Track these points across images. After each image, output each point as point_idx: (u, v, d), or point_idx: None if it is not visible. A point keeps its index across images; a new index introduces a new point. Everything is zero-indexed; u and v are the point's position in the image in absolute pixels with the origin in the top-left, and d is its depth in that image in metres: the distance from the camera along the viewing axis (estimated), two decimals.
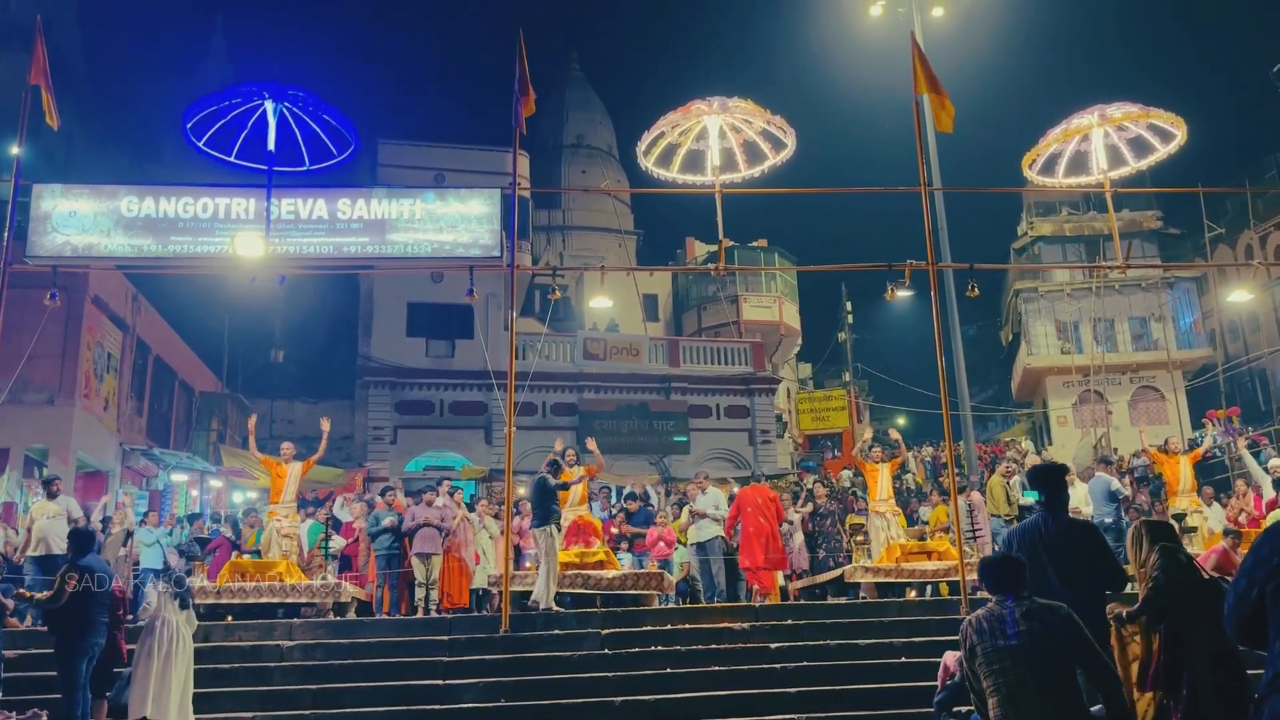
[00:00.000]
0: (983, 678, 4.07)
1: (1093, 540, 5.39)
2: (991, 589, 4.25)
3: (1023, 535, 5.41)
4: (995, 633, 4.06)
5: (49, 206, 11.29)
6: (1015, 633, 4.03)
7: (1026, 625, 4.03)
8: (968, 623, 4.19)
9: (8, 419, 14.95)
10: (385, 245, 11.86)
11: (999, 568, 4.30)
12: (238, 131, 11.14)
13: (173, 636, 7.94)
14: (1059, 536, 5.29)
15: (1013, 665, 3.98)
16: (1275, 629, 2.67)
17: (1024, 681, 3.95)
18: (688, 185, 12.10)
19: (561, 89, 37.33)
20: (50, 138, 15.20)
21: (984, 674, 4.06)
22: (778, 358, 33.22)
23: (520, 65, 11.09)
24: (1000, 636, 4.04)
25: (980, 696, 4.12)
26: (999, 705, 3.98)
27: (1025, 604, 4.12)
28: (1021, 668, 3.97)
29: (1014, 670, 3.98)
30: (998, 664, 4.01)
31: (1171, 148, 11.71)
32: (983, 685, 4.07)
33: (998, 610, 4.13)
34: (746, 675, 8.95)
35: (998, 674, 4.01)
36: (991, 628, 4.08)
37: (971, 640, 4.13)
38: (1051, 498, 5.48)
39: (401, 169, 26.92)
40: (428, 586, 11.82)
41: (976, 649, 4.09)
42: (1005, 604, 4.13)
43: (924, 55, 11.52)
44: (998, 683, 4.00)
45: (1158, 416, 30.98)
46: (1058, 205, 34.60)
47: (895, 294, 11.74)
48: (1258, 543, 2.81)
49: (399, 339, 27.16)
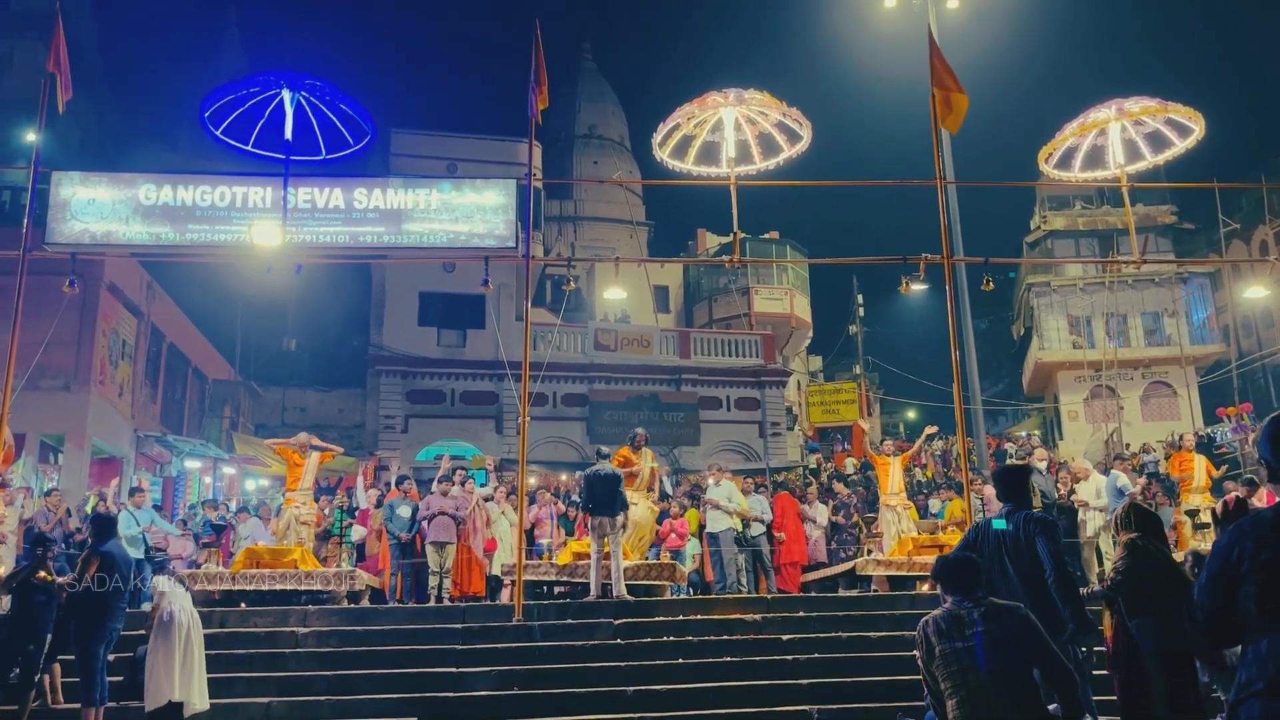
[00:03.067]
0: (941, 679, 4.06)
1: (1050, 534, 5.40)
2: (949, 589, 4.24)
3: (982, 534, 5.42)
4: (953, 634, 4.05)
5: (68, 194, 11.34)
6: (973, 633, 4.02)
7: (984, 626, 4.03)
8: (925, 623, 4.17)
9: (24, 405, 14.98)
10: (401, 235, 11.89)
11: (956, 568, 4.30)
12: (255, 120, 11.17)
13: (189, 621, 8.02)
14: (1018, 535, 5.29)
15: (971, 666, 3.98)
16: (1249, 633, 2.61)
17: (982, 682, 3.95)
18: (702, 177, 12.10)
19: (574, 80, 37.30)
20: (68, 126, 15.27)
21: (942, 675, 4.05)
22: (788, 350, 33.22)
23: (536, 56, 11.08)
24: (958, 638, 4.04)
25: (938, 698, 4.12)
26: (957, 706, 3.97)
27: (983, 605, 4.13)
28: (979, 668, 3.97)
29: (972, 671, 3.97)
30: (956, 665, 4.01)
31: (1189, 142, 11.66)
32: (941, 686, 4.07)
33: (955, 611, 4.12)
34: (758, 666, 8.98)
35: (956, 675, 4.00)
36: (949, 628, 4.07)
37: (929, 641, 4.12)
38: (1013, 498, 5.49)
39: (415, 159, 26.94)
40: (441, 575, 11.88)
41: (935, 650, 4.09)
42: (963, 604, 4.14)
43: (938, 49, 11.46)
44: (956, 684, 4.00)
45: (1170, 412, 30.90)
46: (1071, 199, 34.47)
47: (909, 287, 11.72)
48: (1223, 544, 2.72)
49: (411, 328, 27.25)
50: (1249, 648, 2.60)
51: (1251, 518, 2.72)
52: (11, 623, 8.09)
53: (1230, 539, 2.70)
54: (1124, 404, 30.58)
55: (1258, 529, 2.65)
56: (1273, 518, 2.66)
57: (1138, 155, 11.96)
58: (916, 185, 13.58)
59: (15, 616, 8.09)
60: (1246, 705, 2.56)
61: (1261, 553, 2.59)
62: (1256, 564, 2.59)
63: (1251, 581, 2.58)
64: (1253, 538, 2.63)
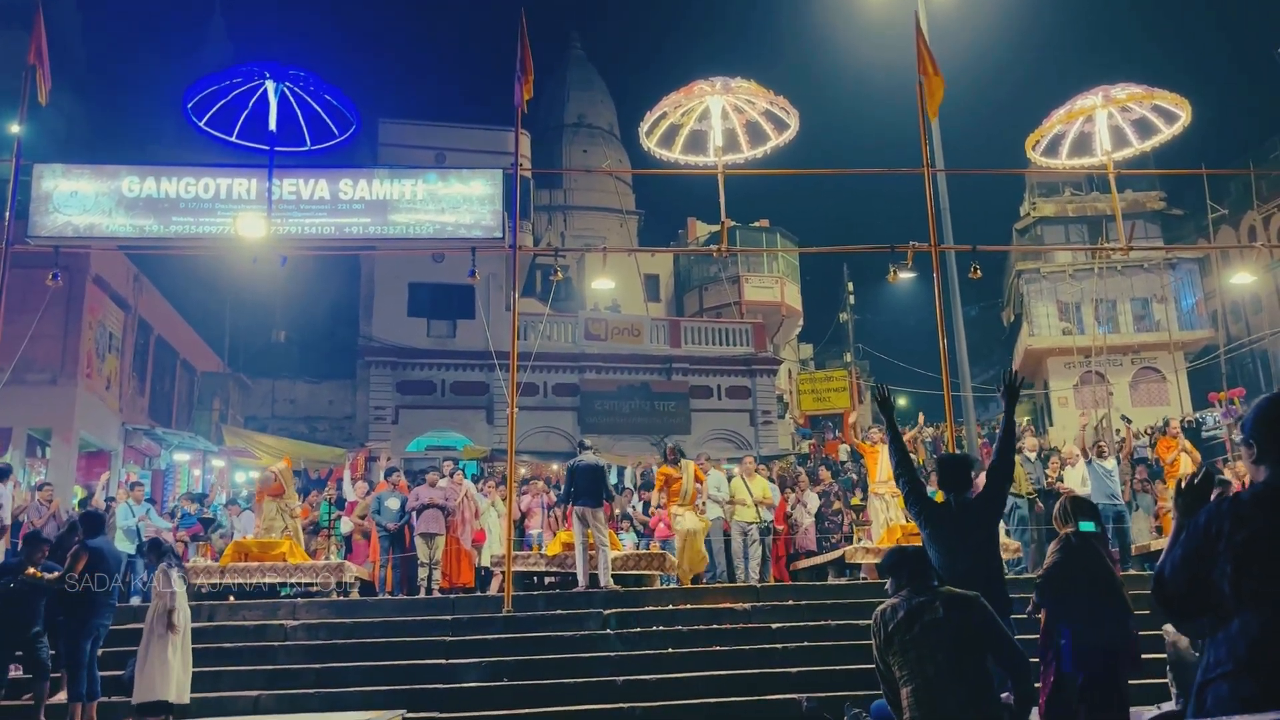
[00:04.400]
0: (896, 667, 4.08)
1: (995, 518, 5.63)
2: (901, 578, 4.26)
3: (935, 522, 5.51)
4: (907, 622, 4.07)
5: (50, 186, 11.25)
6: (927, 621, 4.04)
7: (937, 614, 4.05)
8: (881, 611, 4.19)
9: (10, 399, 14.95)
10: (387, 226, 11.83)
11: (906, 559, 4.33)
12: (238, 112, 11.10)
13: (188, 618, 8.04)
14: (965, 520, 5.43)
15: (928, 653, 3.99)
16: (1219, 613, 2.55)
17: (936, 669, 3.97)
18: (690, 166, 12.07)
19: (563, 68, 37.14)
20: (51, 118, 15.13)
21: (897, 664, 4.07)
22: (779, 338, 33.23)
23: (522, 45, 11.03)
24: (912, 625, 4.05)
25: (892, 685, 4.14)
26: (911, 694, 3.99)
27: (936, 593, 4.15)
28: (935, 656, 3.99)
29: (928, 660, 3.99)
30: (912, 652, 4.02)
31: (1176, 129, 11.67)
32: (896, 675, 4.09)
33: (911, 599, 4.14)
34: (748, 655, 9.00)
35: (911, 662, 4.02)
36: (905, 617, 4.09)
37: (885, 630, 4.14)
38: (956, 484, 5.62)
39: (402, 148, 26.82)
40: (430, 566, 11.88)
41: (892, 638, 4.10)
42: (917, 593, 4.15)
43: (924, 37, 11.44)
44: (911, 672, 4.02)
45: (1159, 397, 31.00)
46: (1060, 186, 34.48)
47: (898, 276, 11.73)
48: (1201, 522, 2.64)
49: (400, 319, 27.17)
50: (1219, 629, 2.56)
51: (1230, 497, 2.67)
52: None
53: (1207, 517, 2.65)
54: (1113, 390, 30.67)
55: (1236, 508, 2.61)
56: (1251, 498, 2.62)
57: (1125, 142, 11.95)
58: (904, 173, 13.57)
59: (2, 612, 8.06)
60: (1215, 686, 2.51)
61: (1238, 532, 2.54)
62: (1232, 544, 2.54)
63: (1227, 561, 2.54)
64: (1230, 517, 2.59)
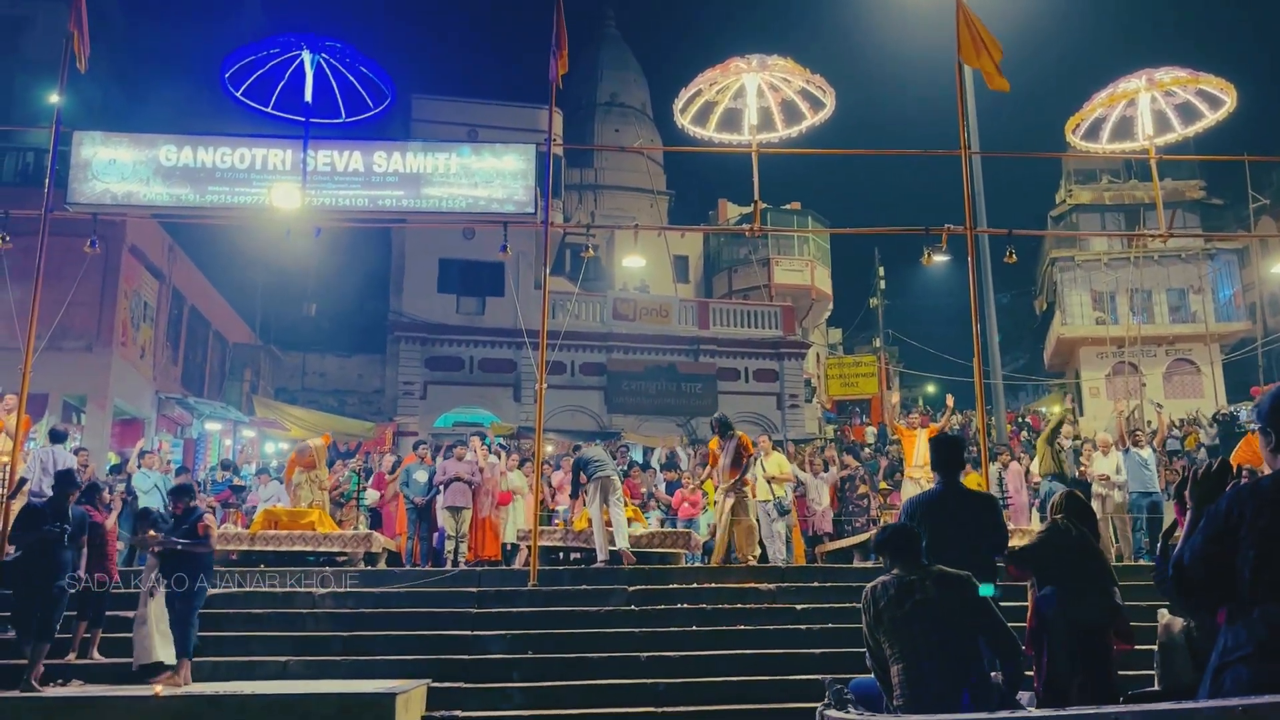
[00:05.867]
0: (886, 645, 4.09)
1: (989, 509, 5.68)
2: (893, 558, 4.25)
3: (927, 504, 5.56)
4: (899, 600, 4.08)
5: (89, 154, 11.36)
6: (918, 600, 4.04)
7: (929, 593, 4.06)
8: (873, 589, 4.20)
9: (47, 365, 15.13)
10: (420, 199, 11.86)
11: (899, 537, 4.33)
12: (274, 82, 11.13)
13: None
14: (959, 504, 5.49)
15: (919, 632, 4.00)
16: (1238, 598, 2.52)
17: (928, 648, 3.98)
18: (723, 144, 11.99)
19: (596, 47, 36.98)
20: (88, 88, 15.27)
21: (888, 641, 4.09)
22: (808, 322, 33.07)
23: (558, 21, 10.99)
24: (904, 603, 4.06)
25: (881, 663, 4.15)
26: (902, 672, 4.01)
27: (927, 572, 4.14)
28: (925, 634, 4.00)
29: (921, 637, 4.00)
30: (903, 630, 4.04)
31: (1220, 114, 11.44)
32: (886, 652, 4.10)
33: (904, 578, 4.14)
34: (771, 635, 9.00)
35: (903, 641, 4.03)
36: (896, 595, 4.09)
37: (876, 607, 4.14)
38: (947, 464, 5.65)
39: (435, 124, 26.82)
40: (457, 540, 11.96)
41: (882, 616, 4.10)
42: (909, 571, 4.14)
43: (971, 19, 11.24)
44: (902, 649, 4.03)
45: (1193, 390, 30.63)
46: (1098, 173, 34.03)
47: (932, 259, 11.61)
48: (1220, 509, 2.62)
49: (430, 295, 27.29)
50: (1237, 614, 2.53)
51: (1250, 484, 2.65)
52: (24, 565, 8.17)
53: (1228, 503, 2.62)
54: (1146, 381, 30.33)
55: (1257, 495, 2.58)
56: (1272, 484, 2.59)
57: (1167, 127, 11.74)
58: (941, 155, 13.43)
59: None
60: (1234, 670, 2.49)
61: (1261, 518, 2.51)
62: (1255, 529, 2.51)
63: (1250, 546, 2.51)
64: (1252, 503, 2.56)
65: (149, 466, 12.89)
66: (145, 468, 12.85)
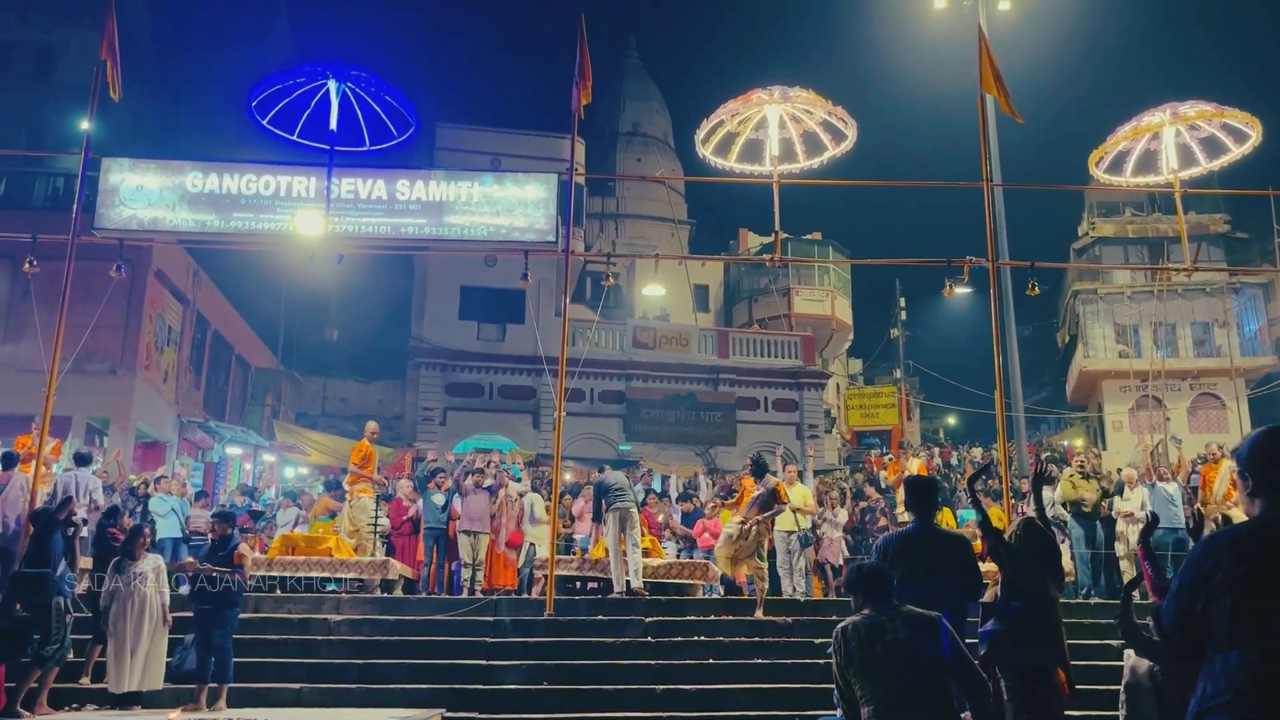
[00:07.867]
0: (855, 686, 4.06)
1: (960, 550, 5.65)
2: (865, 597, 4.23)
3: (900, 543, 5.58)
4: (870, 640, 4.04)
5: (117, 180, 11.50)
6: (889, 641, 4.02)
7: (899, 634, 4.03)
8: (844, 629, 4.16)
9: (71, 388, 15.28)
10: (442, 227, 11.92)
11: (871, 577, 4.29)
12: (300, 110, 11.26)
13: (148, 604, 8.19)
14: (932, 545, 5.53)
15: (890, 673, 3.98)
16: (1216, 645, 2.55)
17: (898, 689, 3.96)
18: (745, 175, 12.01)
19: (619, 77, 37.24)
20: (118, 114, 15.52)
21: (858, 681, 4.05)
22: (828, 352, 32.96)
23: (581, 51, 11.07)
24: (875, 644, 4.03)
25: (852, 704, 4.12)
26: (872, 714, 3.97)
27: (898, 612, 4.11)
28: (896, 675, 3.97)
29: (891, 678, 3.97)
30: (874, 671, 4.00)
31: (1246, 149, 11.39)
32: (856, 693, 4.06)
33: (875, 618, 4.11)
34: (789, 669, 8.90)
35: (873, 681, 4.00)
36: (867, 635, 4.06)
37: (847, 647, 4.10)
38: (921, 506, 5.69)
39: (459, 152, 27.04)
40: (474, 567, 11.91)
41: (853, 656, 4.07)
42: (880, 612, 4.12)
43: (991, 52, 11.27)
44: (872, 690, 4.00)
45: (1218, 425, 30.23)
46: (1121, 206, 33.85)
47: (954, 290, 11.56)
48: (1196, 556, 2.65)
49: (451, 321, 27.40)
50: (1216, 659, 2.54)
51: (1228, 531, 2.67)
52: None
53: (1204, 549, 2.64)
54: (1170, 415, 29.99)
55: (1234, 541, 2.59)
56: (1248, 531, 2.61)
57: (1192, 160, 11.70)
58: (963, 187, 13.40)
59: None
60: (1213, 715, 2.49)
61: (1238, 566, 2.52)
62: (1231, 577, 2.51)
63: (1226, 593, 2.51)
64: (1229, 550, 2.56)
65: (165, 491, 12.93)
66: (162, 493, 12.90)
